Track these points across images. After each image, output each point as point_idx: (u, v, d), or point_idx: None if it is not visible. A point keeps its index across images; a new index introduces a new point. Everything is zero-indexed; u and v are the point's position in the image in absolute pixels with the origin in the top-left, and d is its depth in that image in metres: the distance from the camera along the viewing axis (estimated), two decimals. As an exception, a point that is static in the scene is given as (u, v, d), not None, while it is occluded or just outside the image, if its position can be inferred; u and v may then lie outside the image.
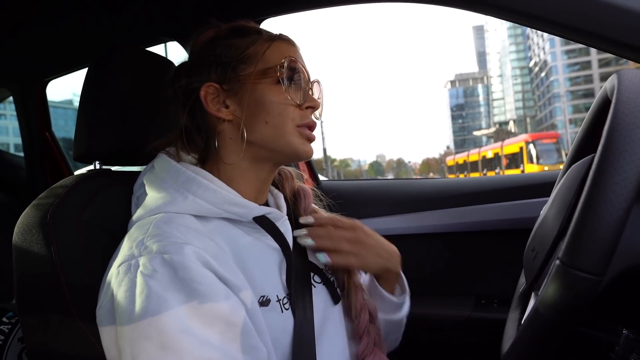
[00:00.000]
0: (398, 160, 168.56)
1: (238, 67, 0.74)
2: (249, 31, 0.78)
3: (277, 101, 0.73)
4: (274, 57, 0.75)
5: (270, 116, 0.73)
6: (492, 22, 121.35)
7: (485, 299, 1.25)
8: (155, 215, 0.67)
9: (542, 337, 0.55)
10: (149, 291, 0.57)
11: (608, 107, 0.56)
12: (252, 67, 0.74)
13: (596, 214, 0.48)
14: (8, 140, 10.97)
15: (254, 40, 0.76)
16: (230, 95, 0.75)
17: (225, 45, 0.76)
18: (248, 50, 0.75)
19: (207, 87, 0.74)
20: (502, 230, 1.23)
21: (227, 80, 0.74)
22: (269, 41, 0.76)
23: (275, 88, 0.74)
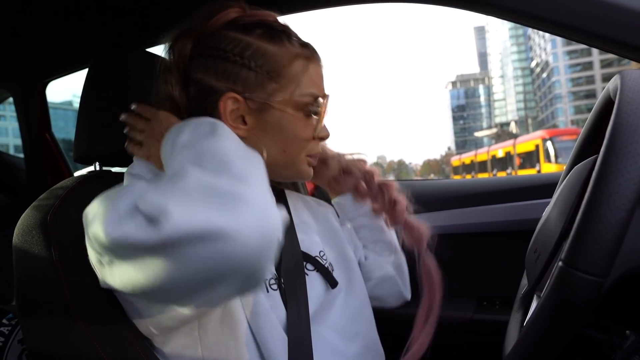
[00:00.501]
0: (399, 162, 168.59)
1: (269, 86, 0.69)
2: (280, 35, 0.72)
3: (301, 135, 0.72)
4: (308, 83, 0.71)
5: (288, 146, 0.72)
6: (494, 23, 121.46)
7: (487, 301, 1.25)
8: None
9: (545, 338, 0.55)
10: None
11: (611, 108, 0.55)
12: (284, 91, 0.70)
13: (599, 215, 0.47)
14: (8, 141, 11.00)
15: (286, 53, 0.71)
16: (251, 113, 0.70)
17: (257, 50, 0.69)
18: (282, 67, 0.70)
19: (229, 97, 0.69)
20: (504, 231, 1.22)
21: (253, 96, 0.69)
22: (304, 60, 0.72)
23: (302, 121, 0.72)
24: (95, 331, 0.69)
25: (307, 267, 0.80)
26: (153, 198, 0.46)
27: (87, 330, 0.68)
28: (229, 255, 0.43)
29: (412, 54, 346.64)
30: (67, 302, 0.69)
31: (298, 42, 0.73)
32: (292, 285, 0.74)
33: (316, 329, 0.76)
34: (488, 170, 31.65)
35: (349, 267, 0.89)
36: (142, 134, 0.74)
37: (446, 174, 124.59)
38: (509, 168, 27.48)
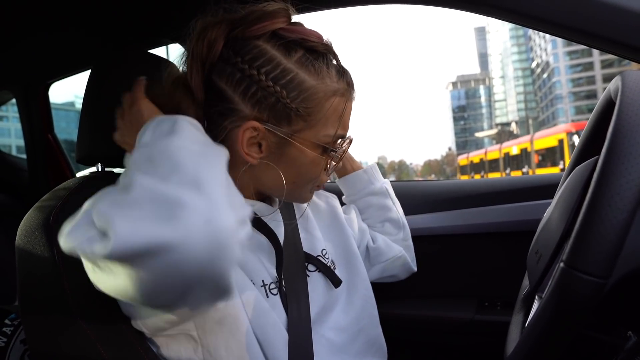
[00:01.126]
0: (399, 162, 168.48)
1: (296, 122, 0.66)
2: (320, 64, 0.66)
3: (315, 171, 0.71)
4: (337, 124, 0.68)
5: (300, 179, 0.71)
6: (494, 24, 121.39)
7: (488, 302, 1.25)
8: None
9: (547, 339, 0.55)
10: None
11: (612, 108, 0.55)
12: (309, 131, 0.67)
13: (601, 216, 0.47)
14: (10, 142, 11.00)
15: (325, 91, 0.66)
16: (269, 143, 0.67)
17: (293, 79, 0.64)
18: (315, 106, 0.65)
19: (252, 127, 0.65)
20: (505, 232, 1.22)
21: (276, 129, 0.65)
22: (339, 97, 0.67)
23: (319, 159, 0.70)
24: (97, 331, 0.69)
25: (309, 267, 0.80)
26: (102, 209, 0.46)
27: (89, 330, 0.68)
28: (180, 266, 0.42)
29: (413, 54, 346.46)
30: (69, 302, 0.69)
31: (336, 70, 0.68)
32: (293, 288, 0.74)
33: (318, 330, 0.76)
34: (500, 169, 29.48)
35: (351, 263, 0.88)
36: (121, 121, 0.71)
37: (447, 175, 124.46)
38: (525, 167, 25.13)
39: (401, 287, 1.29)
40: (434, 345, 1.32)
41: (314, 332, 0.74)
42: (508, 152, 28.40)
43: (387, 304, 1.27)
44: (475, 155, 37.24)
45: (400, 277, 1.03)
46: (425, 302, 1.29)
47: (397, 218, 1.02)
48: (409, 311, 1.27)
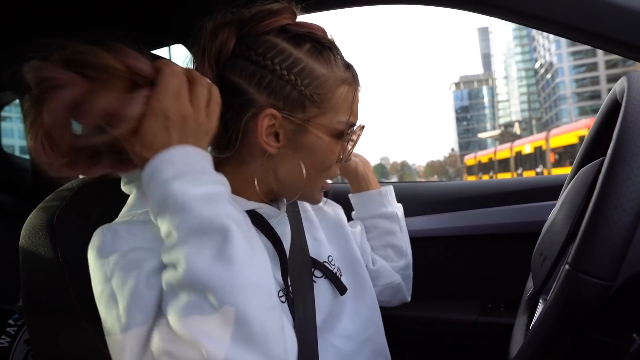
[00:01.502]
0: (402, 163, 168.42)
1: (310, 108, 0.67)
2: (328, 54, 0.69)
3: (329, 160, 0.71)
4: (348, 111, 0.70)
5: (315, 170, 0.71)
6: (497, 24, 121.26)
7: (492, 303, 1.24)
8: (136, 211, 0.64)
9: (551, 342, 0.55)
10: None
11: (617, 109, 0.55)
12: (324, 116, 0.68)
13: (606, 218, 0.47)
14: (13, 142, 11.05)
15: (335, 79, 0.68)
16: (286, 131, 0.68)
17: (305, 68, 0.66)
18: (327, 92, 0.68)
19: (269, 114, 0.66)
20: (509, 233, 1.22)
21: (292, 116, 0.66)
22: (348, 86, 0.70)
23: (333, 146, 0.71)
24: (100, 332, 0.68)
25: (315, 273, 0.79)
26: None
27: (92, 331, 0.68)
28: None
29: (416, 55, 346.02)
30: (72, 303, 0.69)
31: (342, 62, 0.71)
32: (300, 295, 0.73)
33: (326, 337, 0.75)
34: (511, 169, 27.57)
35: (357, 271, 0.88)
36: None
37: (449, 176, 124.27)
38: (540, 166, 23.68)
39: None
40: (437, 347, 1.32)
41: (322, 340, 0.73)
42: (520, 150, 26.66)
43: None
44: (484, 155, 35.48)
45: (391, 304, 1.01)
46: (428, 304, 1.29)
47: (401, 245, 1.00)
48: (412, 313, 1.27)
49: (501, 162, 29.76)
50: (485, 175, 31.54)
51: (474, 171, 36.30)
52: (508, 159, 28.41)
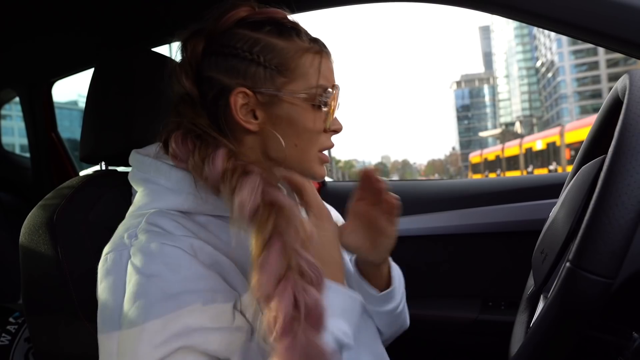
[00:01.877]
0: (403, 162, 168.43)
1: (278, 79, 0.69)
2: (289, 31, 0.72)
3: (311, 127, 0.71)
4: (317, 76, 0.71)
5: (300, 140, 0.71)
6: (499, 22, 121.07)
7: (493, 301, 1.24)
8: (149, 209, 0.66)
9: (552, 340, 0.55)
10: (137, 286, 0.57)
11: (619, 107, 0.55)
12: (293, 84, 0.70)
13: (608, 216, 0.47)
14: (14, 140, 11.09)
15: (297, 48, 0.70)
16: (262, 107, 0.70)
17: (266, 45, 0.69)
18: (291, 61, 0.70)
19: (240, 91, 0.68)
20: (510, 232, 1.22)
21: (262, 90, 0.69)
22: (315, 53, 0.71)
23: (312, 113, 0.71)
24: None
25: None
26: None
27: (92, 328, 0.68)
28: None
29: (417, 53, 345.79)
30: (72, 300, 0.69)
31: (308, 37, 0.73)
32: None
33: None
34: (521, 167, 25.82)
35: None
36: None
37: (450, 174, 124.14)
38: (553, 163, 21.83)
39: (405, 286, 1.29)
40: (438, 344, 1.32)
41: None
42: (531, 147, 24.62)
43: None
44: (491, 152, 33.17)
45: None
46: (429, 302, 1.29)
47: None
48: (413, 311, 1.26)
49: (509, 159, 27.91)
50: (492, 174, 29.56)
51: (479, 169, 34.02)
52: (517, 156, 26.52)
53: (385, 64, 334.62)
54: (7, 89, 1.81)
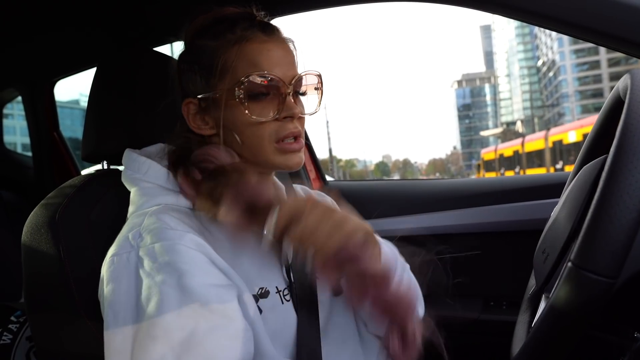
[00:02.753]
0: (404, 161, 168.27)
1: (211, 81, 0.69)
2: (223, 27, 0.70)
3: (247, 121, 0.68)
4: (241, 67, 0.68)
5: (244, 136, 0.69)
6: (500, 22, 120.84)
7: (494, 301, 1.24)
8: (149, 208, 0.67)
9: (554, 339, 0.55)
10: (149, 288, 0.57)
11: (620, 107, 0.55)
12: (221, 83, 0.69)
13: (609, 215, 0.47)
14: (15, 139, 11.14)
15: (224, 44, 0.69)
16: (206, 112, 0.71)
17: (202, 48, 0.70)
18: (218, 58, 0.69)
19: (187, 103, 0.72)
20: (511, 231, 1.22)
21: (203, 97, 0.70)
22: (236, 44, 0.68)
23: (249, 105, 0.68)
24: (102, 328, 0.69)
25: None
26: None
27: (94, 327, 0.68)
28: None
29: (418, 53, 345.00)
30: (74, 299, 0.69)
31: (243, 26, 0.70)
32: (304, 293, 0.73)
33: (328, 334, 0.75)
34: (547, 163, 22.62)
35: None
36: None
37: (451, 173, 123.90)
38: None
39: (406, 286, 1.29)
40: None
41: (324, 335, 0.73)
42: (561, 139, 21.05)
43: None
44: (507, 148, 28.86)
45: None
46: (430, 301, 1.29)
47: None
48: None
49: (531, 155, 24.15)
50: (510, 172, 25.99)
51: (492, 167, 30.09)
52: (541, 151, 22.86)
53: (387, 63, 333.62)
54: (9, 88, 1.81)
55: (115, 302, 0.58)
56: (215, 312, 0.57)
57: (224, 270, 0.62)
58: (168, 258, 0.58)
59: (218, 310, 0.57)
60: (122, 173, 0.75)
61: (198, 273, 0.58)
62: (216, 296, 0.58)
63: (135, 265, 0.59)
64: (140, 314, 0.56)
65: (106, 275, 0.61)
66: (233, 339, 0.57)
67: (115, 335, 0.57)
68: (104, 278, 0.61)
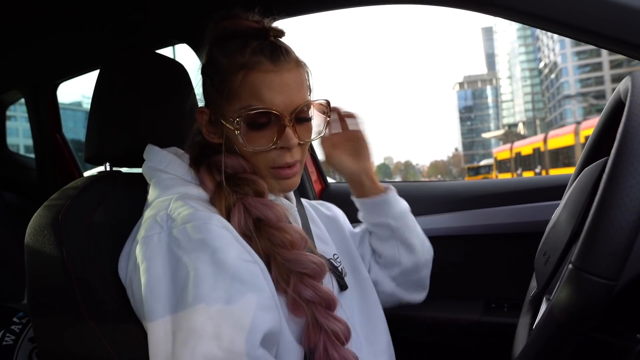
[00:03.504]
0: (406, 163, 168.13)
1: (220, 101, 0.72)
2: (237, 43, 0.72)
3: (249, 148, 0.72)
4: (245, 96, 0.70)
5: (245, 156, 0.74)
6: (501, 24, 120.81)
7: (495, 303, 1.24)
8: (171, 195, 0.70)
9: (555, 342, 0.55)
10: (185, 265, 0.60)
11: (621, 109, 0.55)
12: (228, 107, 0.71)
13: (610, 218, 0.47)
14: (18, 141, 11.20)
15: (233, 66, 0.71)
16: (216, 124, 0.75)
17: (214, 65, 0.74)
18: (226, 82, 0.71)
19: (200, 110, 0.76)
20: (512, 233, 1.21)
21: (213, 111, 0.75)
22: (242, 70, 0.70)
23: (248, 134, 0.71)
24: (105, 330, 0.69)
25: None
26: None
27: (97, 329, 0.69)
28: None
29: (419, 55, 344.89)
30: (77, 301, 0.69)
31: (253, 48, 0.71)
32: None
33: None
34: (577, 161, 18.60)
35: (359, 270, 0.90)
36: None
37: (453, 175, 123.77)
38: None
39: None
40: (441, 346, 1.32)
41: None
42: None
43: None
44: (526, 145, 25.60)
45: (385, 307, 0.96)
46: (431, 303, 1.28)
47: (392, 254, 0.95)
48: (415, 312, 1.27)
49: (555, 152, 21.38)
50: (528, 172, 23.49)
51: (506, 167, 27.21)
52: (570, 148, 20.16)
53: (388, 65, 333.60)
54: (12, 90, 1.82)
55: (152, 279, 0.61)
56: (247, 283, 0.60)
57: (247, 249, 0.65)
58: (201, 236, 0.61)
59: (250, 282, 0.60)
60: (144, 165, 0.77)
61: (229, 249, 0.61)
62: (246, 270, 0.61)
63: (167, 244, 0.62)
64: (177, 290, 0.59)
65: (139, 256, 0.63)
66: (264, 309, 0.60)
67: (155, 309, 0.60)
68: (137, 259, 0.64)
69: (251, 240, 0.67)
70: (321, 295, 0.68)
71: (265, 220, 0.69)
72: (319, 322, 0.67)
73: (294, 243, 0.68)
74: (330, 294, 0.69)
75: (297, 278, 0.67)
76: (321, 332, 0.67)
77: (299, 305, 0.67)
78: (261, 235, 0.68)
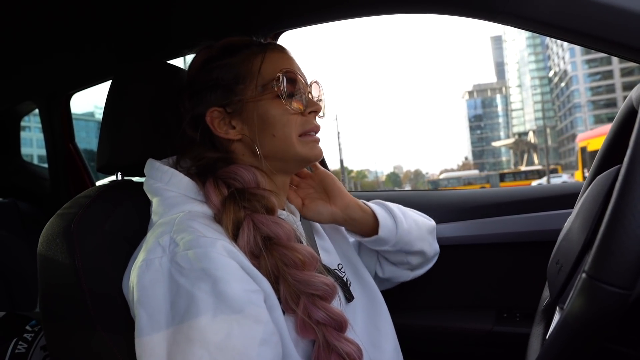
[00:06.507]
0: (415, 172, 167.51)
1: (236, 88, 0.76)
2: (239, 47, 0.79)
3: (280, 114, 0.76)
4: (268, 70, 0.77)
5: (276, 129, 0.76)
6: (511, 32, 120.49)
7: (508, 313, 1.23)
8: (175, 214, 0.68)
9: (569, 352, 0.54)
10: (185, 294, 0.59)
11: (634, 117, 0.55)
12: (250, 86, 0.76)
13: (624, 226, 0.46)
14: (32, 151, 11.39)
15: (245, 57, 0.78)
16: (234, 116, 0.77)
17: (220, 67, 0.78)
18: (242, 68, 0.77)
19: (211, 112, 0.77)
20: (524, 242, 1.20)
21: (229, 103, 0.76)
22: (259, 54, 0.78)
23: (275, 102, 0.76)
24: (116, 339, 0.69)
25: None
26: None
27: (108, 338, 0.69)
28: None
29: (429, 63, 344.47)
30: (89, 309, 0.70)
31: (255, 45, 0.80)
32: None
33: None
34: None
35: (364, 279, 0.90)
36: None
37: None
38: None
39: (419, 297, 1.28)
40: (452, 356, 1.30)
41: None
42: None
43: (405, 314, 1.25)
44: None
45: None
46: (443, 313, 1.27)
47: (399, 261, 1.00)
48: (426, 322, 1.26)
49: None
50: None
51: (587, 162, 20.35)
52: None
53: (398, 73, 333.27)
54: (27, 101, 1.85)
55: (149, 306, 0.60)
56: (248, 317, 0.59)
57: (252, 274, 0.64)
58: (202, 265, 0.60)
59: (251, 315, 0.59)
60: (145, 182, 0.77)
61: (231, 279, 0.60)
62: (248, 301, 0.60)
63: (167, 270, 0.61)
64: (176, 318, 0.58)
65: (137, 279, 0.62)
66: (265, 343, 0.59)
67: (151, 337, 0.59)
68: (134, 283, 0.63)
69: (259, 259, 0.67)
70: (333, 317, 0.68)
71: (276, 239, 0.68)
72: (330, 344, 0.66)
73: (306, 263, 0.68)
74: (342, 315, 0.69)
75: (308, 300, 0.67)
76: (332, 354, 0.66)
77: (308, 326, 0.67)
78: (271, 255, 0.67)
